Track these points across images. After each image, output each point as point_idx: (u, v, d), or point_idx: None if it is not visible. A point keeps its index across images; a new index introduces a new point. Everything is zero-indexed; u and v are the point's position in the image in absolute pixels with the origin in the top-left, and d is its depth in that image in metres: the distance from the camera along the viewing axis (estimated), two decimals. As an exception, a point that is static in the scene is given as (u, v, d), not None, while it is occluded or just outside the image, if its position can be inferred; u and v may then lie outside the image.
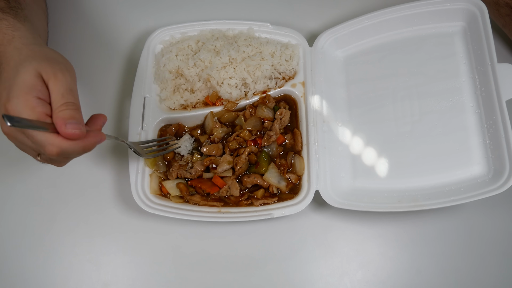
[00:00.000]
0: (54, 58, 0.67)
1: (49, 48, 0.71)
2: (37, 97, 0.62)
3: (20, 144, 0.66)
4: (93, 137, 0.64)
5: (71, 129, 0.60)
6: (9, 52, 0.67)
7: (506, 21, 0.94)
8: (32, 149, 0.65)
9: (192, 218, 0.82)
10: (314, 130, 0.88)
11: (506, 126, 0.80)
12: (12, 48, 0.68)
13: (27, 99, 0.61)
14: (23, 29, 0.72)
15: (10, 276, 0.86)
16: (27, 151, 0.67)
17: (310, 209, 0.89)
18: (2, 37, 0.69)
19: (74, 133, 0.60)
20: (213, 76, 0.90)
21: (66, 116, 0.61)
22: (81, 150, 0.63)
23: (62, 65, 0.66)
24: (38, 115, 0.60)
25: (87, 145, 0.63)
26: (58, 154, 0.61)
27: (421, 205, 0.80)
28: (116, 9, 1.09)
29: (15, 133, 0.63)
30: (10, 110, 0.61)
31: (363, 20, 0.94)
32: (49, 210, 0.90)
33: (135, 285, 0.85)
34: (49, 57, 0.66)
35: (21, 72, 0.63)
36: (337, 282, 0.84)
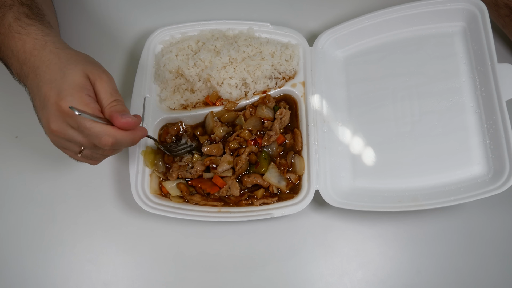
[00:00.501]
0: (94, 62, 0.72)
1: (83, 53, 0.74)
2: (88, 95, 0.67)
3: (64, 142, 0.69)
4: (140, 131, 0.70)
5: (126, 118, 0.66)
6: (45, 56, 0.71)
7: (505, 21, 0.94)
8: (79, 144, 0.69)
9: (192, 218, 0.82)
10: (314, 130, 0.88)
11: (506, 126, 0.80)
12: (47, 52, 0.71)
13: (80, 96, 0.66)
14: (52, 34, 0.75)
15: (10, 276, 0.86)
16: (70, 148, 0.71)
17: (310, 209, 0.89)
18: (34, 42, 0.72)
19: (129, 122, 0.66)
20: (213, 76, 0.90)
21: (119, 109, 0.67)
22: (131, 141, 0.69)
23: (103, 68, 0.72)
24: (92, 110, 0.66)
25: (135, 136, 0.69)
26: (113, 144, 0.66)
27: (421, 205, 0.80)
28: (116, 9, 1.09)
29: (66, 130, 0.67)
30: (64, 107, 0.65)
31: (363, 20, 0.94)
32: (49, 210, 0.90)
33: (135, 285, 0.85)
34: (90, 61, 0.72)
35: (69, 73, 0.68)
36: (337, 282, 0.84)
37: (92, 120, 0.64)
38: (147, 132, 0.73)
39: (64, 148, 0.72)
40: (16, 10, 0.76)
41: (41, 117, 0.70)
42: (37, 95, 0.69)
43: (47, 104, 0.67)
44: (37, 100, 0.70)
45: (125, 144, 0.69)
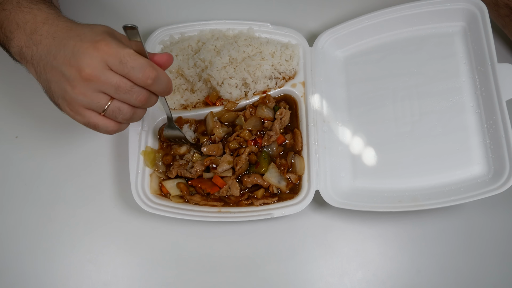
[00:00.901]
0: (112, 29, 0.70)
1: None
2: None
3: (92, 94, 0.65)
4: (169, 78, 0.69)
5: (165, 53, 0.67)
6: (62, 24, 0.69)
7: (505, 21, 0.94)
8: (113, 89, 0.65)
9: (192, 218, 0.82)
10: (314, 130, 0.88)
11: (506, 126, 0.80)
12: (63, 21, 0.70)
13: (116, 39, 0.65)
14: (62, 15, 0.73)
15: (10, 276, 0.86)
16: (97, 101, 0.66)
17: (310, 209, 0.89)
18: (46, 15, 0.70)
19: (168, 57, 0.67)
20: (213, 76, 0.90)
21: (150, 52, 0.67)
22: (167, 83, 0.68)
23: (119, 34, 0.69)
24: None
25: (170, 81, 0.69)
26: (155, 78, 0.65)
27: (421, 205, 0.80)
28: (116, 9, 1.09)
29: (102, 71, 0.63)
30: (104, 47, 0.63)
31: (363, 20, 0.94)
32: (49, 210, 0.90)
33: (135, 285, 0.85)
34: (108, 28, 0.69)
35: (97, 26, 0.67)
36: (337, 282, 0.84)
37: (136, 53, 0.63)
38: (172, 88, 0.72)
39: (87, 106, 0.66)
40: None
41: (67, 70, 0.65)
42: (60, 51, 0.66)
43: (79, 51, 0.64)
44: (59, 58, 0.65)
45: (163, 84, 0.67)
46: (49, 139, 0.95)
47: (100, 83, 0.64)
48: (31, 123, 0.96)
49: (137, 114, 0.71)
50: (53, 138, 0.95)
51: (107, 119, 0.68)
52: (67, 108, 0.67)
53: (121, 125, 0.71)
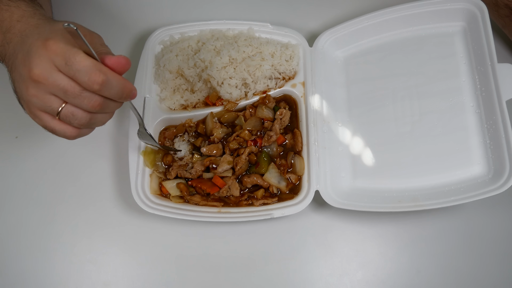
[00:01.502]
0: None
1: None
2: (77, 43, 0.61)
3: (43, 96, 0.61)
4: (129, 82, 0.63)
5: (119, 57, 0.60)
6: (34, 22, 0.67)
7: (505, 22, 0.94)
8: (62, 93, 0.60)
9: (192, 218, 0.82)
10: (314, 130, 0.88)
11: (506, 126, 0.80)
12: (36, 19, 0.67)
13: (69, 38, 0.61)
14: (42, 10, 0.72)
15: (10, 276, 0.86)
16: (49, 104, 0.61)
17: (310, 209, 0.89)
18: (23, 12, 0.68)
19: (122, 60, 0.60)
20: (213, 76, 0.90)
21: (109, 52, 0.62)
22: (121, 89, 0.62)
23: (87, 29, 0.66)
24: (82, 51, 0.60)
25: (126, 86, 0.62)
26: (103, 83, 0.59)
27: (421, 205, 0.80)
28: (116, 9, 1.09)
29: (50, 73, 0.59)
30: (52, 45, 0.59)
31: (363, 20, 0.94)
32: (49, 210, 0.91)
33: (135, 285, 0.86)
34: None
35: (59, 24, 0.63)
36: (337, 282, 0.84)
37: (84, 54, 0.58)
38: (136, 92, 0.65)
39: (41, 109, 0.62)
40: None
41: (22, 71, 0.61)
42: (20, 50, 0.63)
43: (32, 50, 0.60)
44: (19, 57, 0.63)
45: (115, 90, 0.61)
46: (49, 139, 0.95)
47: (48, 85, 0.60)
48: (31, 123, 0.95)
49: (97, 119, 0.65)
50: (53, 138, 0.95)
51: (64, 124, 0.64)
52: (27, 110, 0.64)
53: (81, 131, 0.66)
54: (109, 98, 0.62)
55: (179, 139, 0.91)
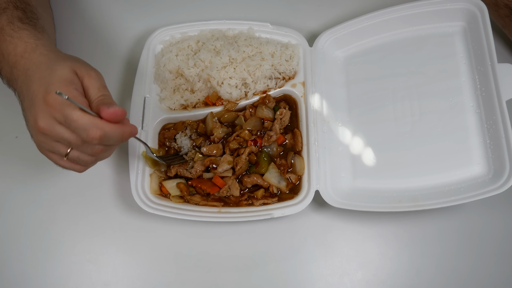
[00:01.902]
0: (83, 61, 0.71)
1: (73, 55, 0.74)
2: (75, 89, 0.65)
3: (51, 142, 0.66)
4: (130, 126, 0.67)
5: (113, 108, 0.62)
6: (36, 58, 0.70)
7: (505, 22, 0.94)
8: (66, 143, 0.65)
9: (192, 218, 0.82)
10: (314, 130, 0.88)
11: (506, 126, 0.80)
12: (38, 54, 0.71)
13: (68, 90, 0.64)
14: (44, 38, 0.75)
15: (10, 276, 0.86)
16: (56, 149, 0.67)
17: (310, 209, 0.89)
18: (25, 45, 0.72)
19: (117, 112, 0.63)
20: (213, 76, 0.90)
21: (106, 102, 0.64)
22: (119, 137, 0.65)
23: (91, 66, 0.70)
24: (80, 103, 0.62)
25: (125, 131, 0.66)
26: (101, 137, 0.62)
27: (421, 205, 0.80)
28: (116, 9, 1.09)
29: (53, 126, 0.63)
30: (51, 101, 0.63)
31: (363, 20, 0.94)
32: (49, 210, 0.90)
33: (135, 285, 0.85)
34: (78, 60, 0.71)
35: (58, 69, 0.66)
36: (337, 282, 0.84)
37: (80, 112, 0.62)
38: (137, 130, 0.69)
39: (50, 151, 0.68)
40: (9, 14, 0.76)
41: (28, 117, 0.67)
42: (26, 95, 0.68)
43: (35, 100, 0.65)
44: (25, 101, 0.68)
45: (114, 139, 0.65)
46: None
47: (53, 136, 0.64)
48: (31, 123, 0.96)
49: (102, 156, 0.70)
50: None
51: (72, 163, 0.69)
52: (38, 148, 0.69)
53: (88, 166, 0.71)
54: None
55: (181, 135, 0.91)
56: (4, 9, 0.76)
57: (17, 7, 0.78)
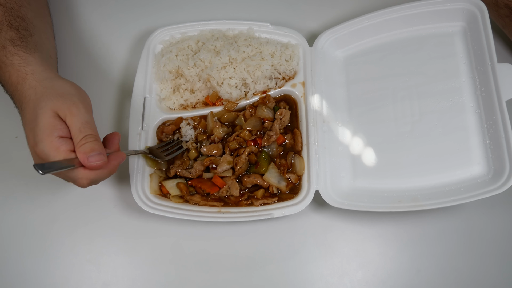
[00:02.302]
0: (66, 93, 0.72)
1: (60, 80, 0.76)
2: (59, 137, 0.69)
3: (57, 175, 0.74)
4: (115, 160, 0.72)
5: (94, 161, 0.67)
6: (26, 91, 0.74)
7: (505, 22, 0.94)
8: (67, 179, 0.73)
9: (192, 218, 0.82)
10: (314, 130, 0.88)
11: (506, 126, 0.80)
12: (27, 87, 0.74)
13: (51, 141, 0.68)
14: (34, 62, 0.77)
15: (10, 276, 0.86)
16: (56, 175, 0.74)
17: (310, 209, 0.89)
18: (17, 75, 0.76)
19: (97, 165, 0.68)
20: (213, 76, 0.90)
21: (87, 150, 0.67)
22: (107, 175, 0.72)
23: (75, 97, 0.72)
24: (63, 154, 0.68)
25: (111, 169, 0.71)
26: (89, 184, 0.70)
27: (421, 205, 0.80)
28: (116, 9, 1.09)
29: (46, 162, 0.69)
30: (38, 153, 0.68)
31: (363, 20, 0.94)
32: (49, 210, 0.90)
33: (135, 285, 0.85)
34: (61, 93, 0.72)
35: (40, 114, 0.70)
36: (337, 282, 0.84)
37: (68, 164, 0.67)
38: (125, 157, 0.74)
39: None
40: (3, 36, 0.78)
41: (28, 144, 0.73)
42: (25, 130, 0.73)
43: (28, 144, 0.71)
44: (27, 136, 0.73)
45: (103, 179, 0.72)
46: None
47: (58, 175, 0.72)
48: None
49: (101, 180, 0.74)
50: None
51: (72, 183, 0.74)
52: None
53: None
54: None
55: (184, 123, 0.91)
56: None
57: (11, 26, 0.80)
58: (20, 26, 0.81)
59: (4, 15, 0.80)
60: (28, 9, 0.86)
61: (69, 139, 0.70)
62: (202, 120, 0.92)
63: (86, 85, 1.00)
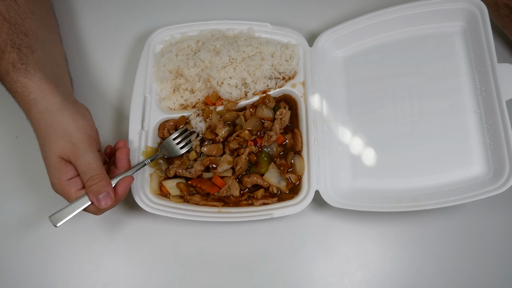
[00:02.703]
0: (66, 133, 0.76)
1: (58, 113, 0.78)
2: (68, 179, 0.75)
3: None
4: (123, 188, 0.77)
5: (104, 204, 0.73)
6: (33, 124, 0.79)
7: (505, 22, 0.94)
8: None
9: (192, 218, 0.82)
10: (314, 130, 0.88)
11: (506, 126, 0.80)
12: (33, 120, 0.79)
13: (61, 185, 0.75)
14: (35, 88, 0.79)
15: (10, 276, 0.86)
16: None
17: (310, 209, 0.89)
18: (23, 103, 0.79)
19: (107, 205, 0.74)
20: (213, 76, 0.90)
21: (95, 192, 0.73)
22: (118, 203, 0.79)
23: (75, 136, 0.76)
24: (75, 195, 0.75)
25: (120, 198, 0.77)
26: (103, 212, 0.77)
27: (421, 205, 0.80)
28: (116, 9, 1.09)
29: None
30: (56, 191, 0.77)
31: (363, 20, 0.94)
32: (49, 210, 0.90)
33: (135, 285, 0.85)
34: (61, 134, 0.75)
35: (47, 159, 0.76)
36: (337, 282, 0.84)
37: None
38: (132, 180, 0.79)
39: None
40: (6, 60, 0.80)
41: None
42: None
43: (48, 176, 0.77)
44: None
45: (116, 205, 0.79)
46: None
47: None
48: (31, 123, 0.96)
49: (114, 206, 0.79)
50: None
51: None
52: None
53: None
54: None
55: (194, 114, 0.91)
56: (3, 52, 0.80)
57: (14, 45, 0.81)
58: (22, 44, 0.82)
59: (8, 33, 0.81)
60: (32, 20, 0.87)
61: (78, 177, 0.75)
62: (207, 108, 0.91)
63: (86, 85, 1.00)
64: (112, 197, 0.74)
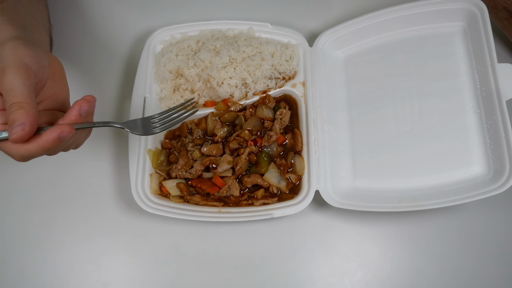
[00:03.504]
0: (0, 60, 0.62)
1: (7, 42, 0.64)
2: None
3: None
4: (49, 134, 0.59)
5: (14, 133, 0.57)
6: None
7: (504, 24, 0.94)
8: None
9: (192, 218, 0.82)
10: (314, 130, 0.88)
11: (506, 126, 0.80)
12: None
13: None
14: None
15: (10, 276, 0.86)
16: None
17: (310, 209, 0.89)
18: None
19: (14, 138, 0.57)
20: (213, 76, 0.90)
21: (10, 121, 0.57)
22: (40, 151, 0.59)
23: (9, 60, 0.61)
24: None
25: (43, 145, 0.59)
26: (23, 160, 0.60)
27: (421, 205, 0.80)
28: (116, 9, 1.09)
29: None
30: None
31: (363, 20, 0.94)
32: (49, 210, 0.90)
33: (135, 285, 0.85)
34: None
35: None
36: (337, 282, 0.84)
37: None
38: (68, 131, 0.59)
39: None
40: None
41: None
42: None
43: None
44: None
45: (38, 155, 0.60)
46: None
47: None
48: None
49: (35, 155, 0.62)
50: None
51: None
52: None
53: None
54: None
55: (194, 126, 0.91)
56: None
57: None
58: None
59: None
60: None
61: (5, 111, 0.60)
62: (203, 123, 0.91)
63: (86, 84, 1.00)
64: (27, 131, 0.57)
